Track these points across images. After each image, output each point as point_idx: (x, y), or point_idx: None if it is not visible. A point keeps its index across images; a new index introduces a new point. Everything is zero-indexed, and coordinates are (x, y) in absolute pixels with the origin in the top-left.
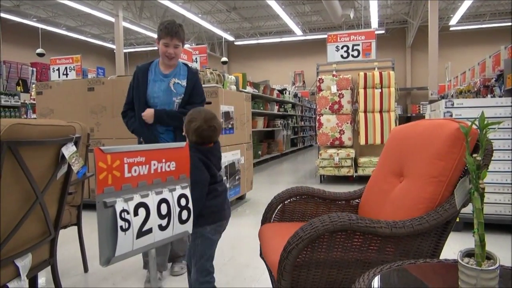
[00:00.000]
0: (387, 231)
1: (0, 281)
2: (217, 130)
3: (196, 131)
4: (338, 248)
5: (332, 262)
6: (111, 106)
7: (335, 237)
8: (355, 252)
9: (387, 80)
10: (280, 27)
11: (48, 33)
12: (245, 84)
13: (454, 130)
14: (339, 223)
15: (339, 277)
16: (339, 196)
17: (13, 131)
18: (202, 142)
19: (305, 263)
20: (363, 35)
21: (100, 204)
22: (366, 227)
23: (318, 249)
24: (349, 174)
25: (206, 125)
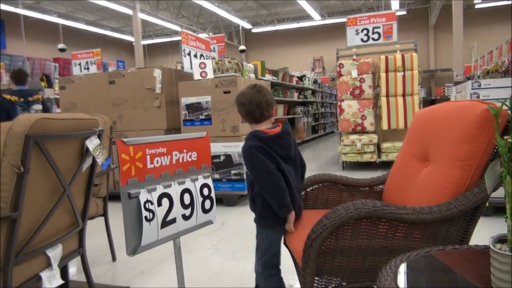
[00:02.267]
0: (413, 217)
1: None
2: (263, 90)
3: (246, 99)
4: (363, 235)
5: (357, 249)
6: (132, 98)
7: (360, 224)
8: (380, 239)
9: (409, 63)
10: (298, 12)
11: (68, 28)
12: (264, 72)
13: (482, 111)
14: (364, 210)
15: (365, 264)
16: (363, 183)
17: (38, 126)
18: (262, 111)
19: (330, 250)
20: (383, 17)
21: (125, 195)
22: (391, 213)
23: (342, 236)
24: (372, 160)
25: (250, 91)
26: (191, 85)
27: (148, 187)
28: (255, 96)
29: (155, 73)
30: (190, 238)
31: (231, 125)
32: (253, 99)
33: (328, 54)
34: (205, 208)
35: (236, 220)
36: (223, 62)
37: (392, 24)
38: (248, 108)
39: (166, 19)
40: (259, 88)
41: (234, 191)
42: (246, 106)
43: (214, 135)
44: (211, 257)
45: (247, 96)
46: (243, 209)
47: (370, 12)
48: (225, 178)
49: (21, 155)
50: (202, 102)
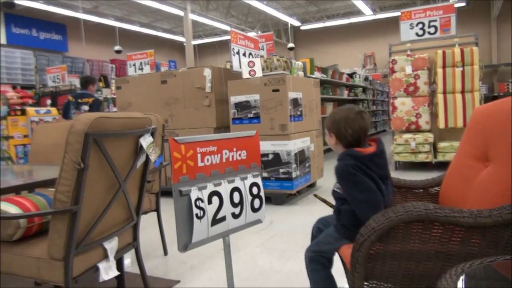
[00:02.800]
0: (470, 221)
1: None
2: (365, 115)
3: (346, 121)
4: (415, 240)
5: (409, 254)
6: (183, 97)
7: (411, 228)
8: (434, 243)
9: (469, 57)
10: (348, 8)
11: (124, 30)
12: (312, 70)
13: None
14: (415, 213)
15: (418, 269)
16: (416, 184)
17: (97, 124)
18: (359, 137)
19: (380, 255)
20: (440, 10)
21: (176, 192)
22: (445, 216)
23: (393, 240)
24: (427, 160)
25: (352, 114)
26: (240, 84)
27: (198, 185)
28: (359, 122)
29: (205, 72)
30: (238, 235)
31: (280, 124)
32: (357, 125)
33: (380, 50)
34: (254, 207)
35: (285, 219)
36: (271, 60)
37: (450, 17)
38: (355, 138)
39: (216, 19)
40: (362, 113)
41: (282, 190)
42: (351, 136)
43: (262, 134)
44: (259, 256)
45: (350, 122)
46: (292, 208)
47: (426, 5)
48: (274, 176)
49: (81, 152)
50: (251, 100)
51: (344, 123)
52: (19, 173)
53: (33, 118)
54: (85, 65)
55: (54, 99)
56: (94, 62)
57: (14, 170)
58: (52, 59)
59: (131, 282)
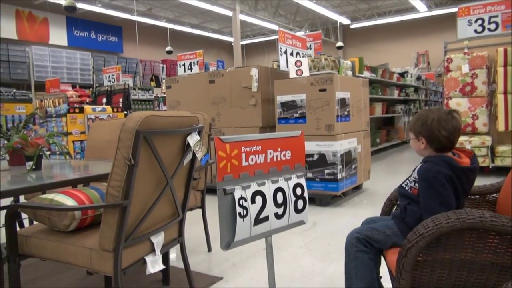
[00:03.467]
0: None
1: None
2: (457, 116)
3: (439, 123)
4: (468, 249)
5: (460, 263)
6: (230, 96)
7: (464, 236)
8: (489, 254)
9: None
10: (401, 4)
11: (175, 31)
12: (361, 69)
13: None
14: (468, 220)
15: (470, 280)
16: (473, 190)
17: (147, 122)
18: (454, 140)
19: (428, 262)
20: (503, 4)
21: (220, 191)
22: (502, 226)
23: (443, 248)
24: (484, 164)
25: (444, 114)
26: (287, 83)
27: (242, 184)
28: (453, 123)
29: (252, 72)
30: (281, 236)
31: (326, 124)
32: (451, 126)
33: (434, 48)
34: (298, 208)
35: (328, 220)
36: (319, 59)
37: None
38: (450, 136)
39: (264, 19)
40: (453, 112)
41: (327, 191)
42: (443, 139)
43: (308, 134)
44: (301, 257)
45: (443, 123)
46: (336, 209)
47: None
48: (318, 177)
49: (132, 149)
50: (297, 100)
51: (437, 125)
52: (76, 167)
53: (89, 115)
54: (138, 65)
55: (109, 97)
56: (147, 63)
57: (72, 164)
58: (108, 59)
59: (175, 276)
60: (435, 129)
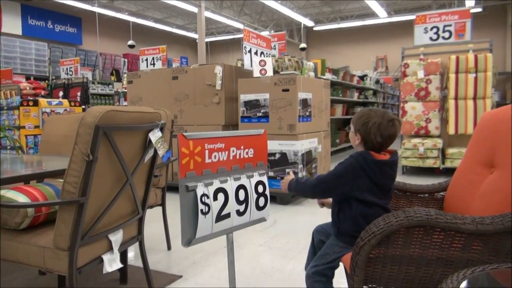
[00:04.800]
0: (472, 228)
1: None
2: (398, 123)
3: (378, 129)
4: (416, 245)
5: (409, 259)
6: (193, 94)
7: (412, 233)
8: (435, 249)
9: (483, 64)
10: (363, 10)
11: (137, 25)
12: (324, 71)
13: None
14: (416, 218)
15: (418, 275)
16: (422, 189)
17: (108, 117)
18: (385, 145)
19: (380, 259)
20: (456, 15)
21: (183, 188)
22: (446, 223)
23: (393, 245)
24: (435, 165)
25: (385, 121)
26: (250, 82)
27: (205, 181)
28: (390, 131)
29: (216, 69)
30: (241, 233)
31: (288, 124)
32: (387, 134)
33: (392, 53)
34: (259, 205)
35: (289, 218)
36: (283, 60)
37: (465, 22)
38: (380, 144)
39: (229, 17)
40: (394, 121)
41: None
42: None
43: (270, 133)
44: (261, 254)
45: (382, 129)
46: (296, 208)
47: (442, 9)
48: (280, 176)
49: (91, 144)
50: (261, 99)
51: (376, 130)
52: (29, 163)
53: (44, 109)
54: (98, 59)
55: (66, 91)
56: (107, 56)
57: (24, 160)
58: (65, 51)
59: (133, 275)
60: (373, 133)
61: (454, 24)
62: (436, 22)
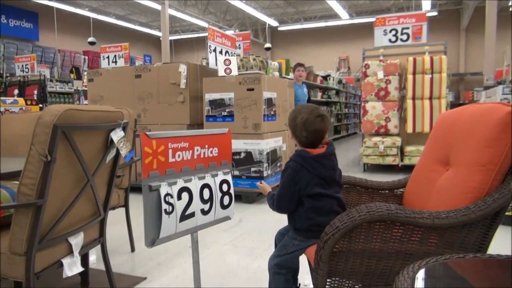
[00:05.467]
0: (428, 222)
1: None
2: (325, 119)
3: (304, 124)
4: (377, 239)
5: (371, 252)
6: (157, 92)
7: (374, 228)
8: (395, 243)
9: (438, 65)
10: (326, 11)
11: (99, 22)
12: (288, 71)
13: (505, 114)
14: (377, 213)
15: (379, 267)
16: (383, 185)
17: (67, 116)
18: (314, 140)
19: (343, 253)
20: (413, 18)
21: (146, 187)
22: (405, 217)
23: (356, 239)
24: (394, 163)
25: (312, 116)
26: (215, 82)
27: (169, 181)
28: (316, 126)
29: (180, 68)
30: (207, 233)
31: (253, 123)
32: (313, 129)
33: (354, 54)
34: (224, 204)
35: (254, 217)
36: (248, 59)
37: (422, 25)
38: (311, 139)
39: (194, 15)
40: (322, 116)
41: (253, 189)
42: (310, 137)
43: (235, 132)
44: (227, 253)
45: (308, 125)
46: (261, 206)
47: (400, 13)
48: (245, 175)
49: (49, 144)
50: (225, 98)
51: (301, 125)
52: None
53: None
54: (56, 56)
55: (22, 89)
56: (66, 53)
57: None
58: (21, 47)
59: (95, 278)
60: (299, 128)
61: (411, 27)
62: (395, 24)
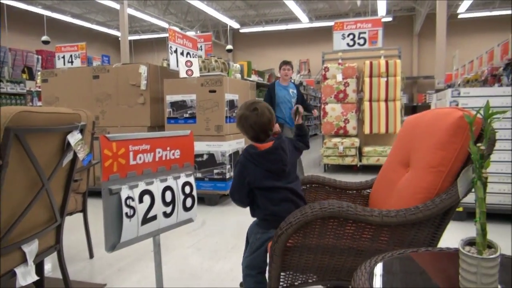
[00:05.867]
0: (378, 220)
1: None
2: (259, 110)
3: (245, 120)
4: (330, 235)
5: (324, 248)
6: (116, 94)
7: (327, 224)
8: (347, 239)
9: (393, 69)
10: (286, 14)
11: (53, 20)
12: (250, 73)
13: (456, 119)
14: (329, 210)
15: (332, 263)
16: (350, 186)
17: (19, 118)
18: (256, 133)
19: (297, 248)
20: (369, 23)
21: (106, 191)
22: (356, 215)
23: (310, 235)
24: (353, 163)
25: (248, 111)
26: (177, 83)
27: (130, 184)
28: (253, 119)
29: (140, 69)
30: (170, 236)
31: (215, 124)
32: (252, 122)
33: (314, 57)
34: (186, 206)
35: (217, 219)
36: (209, 61)
37: (377, 30)
38: (253, 134)
39: (154, 15)
40: (261, 110)
41: (216, 191)
42: (251, 131)
43: (198, 134)
44: (190, 256)
45: (250, 121)
46: (224, 208)
47: (357, 18)
48: (208, 177)
49: (0, 148)
50: (187, 100)
51: (242, 121)
52: None
53: None
54: (6, 55)
55: None
56: (18, 52)
57: None
58: None
59: (52, 287)
60: (241, 125)
61: (368, 32)
62: (352, 29)
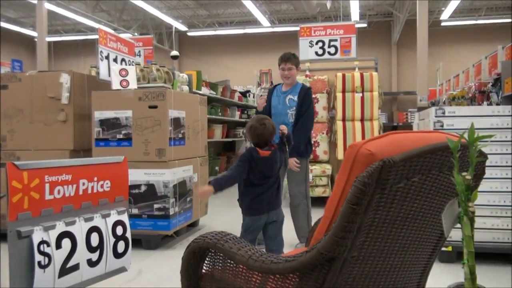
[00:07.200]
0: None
1: None
2: (266, 126)
3: (250, 130)
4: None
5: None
6: (30, 108)
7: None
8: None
9: (369, 83)
10: (244, 16)
11: None
12: (199, 85)
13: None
14: (204, 241)
15: None
16: None
17: None
18: (259, 141)
19: None
20: (341, 29)
21: (13, 234)
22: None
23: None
24: (324, 194)
25: (257, 124)
26: (108, 96)
27: (44, 224)
28: (259, 131)
29: (62, 78)
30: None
31: (156, 148)
32: (258, 133)
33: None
34: (118, 251)
35: (157, 266)
36: (150, 69)
37: (351, 38)
38: (257, 141)
39: (80, 12)
40: (267, 126)
41: (156, 231)
42: (255, 139)
43: (134, 160)
44: None
45: (257, 132)
46: (167, 252)
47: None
48: (146, 214)
49: None
50: (121, 117)
51: (250, 130)
52: None
53: None
54: None
55: None
56: None
57: None
58: None
59: None
60: (248, 133)
61: (339, 39)
62: (321, 36)
